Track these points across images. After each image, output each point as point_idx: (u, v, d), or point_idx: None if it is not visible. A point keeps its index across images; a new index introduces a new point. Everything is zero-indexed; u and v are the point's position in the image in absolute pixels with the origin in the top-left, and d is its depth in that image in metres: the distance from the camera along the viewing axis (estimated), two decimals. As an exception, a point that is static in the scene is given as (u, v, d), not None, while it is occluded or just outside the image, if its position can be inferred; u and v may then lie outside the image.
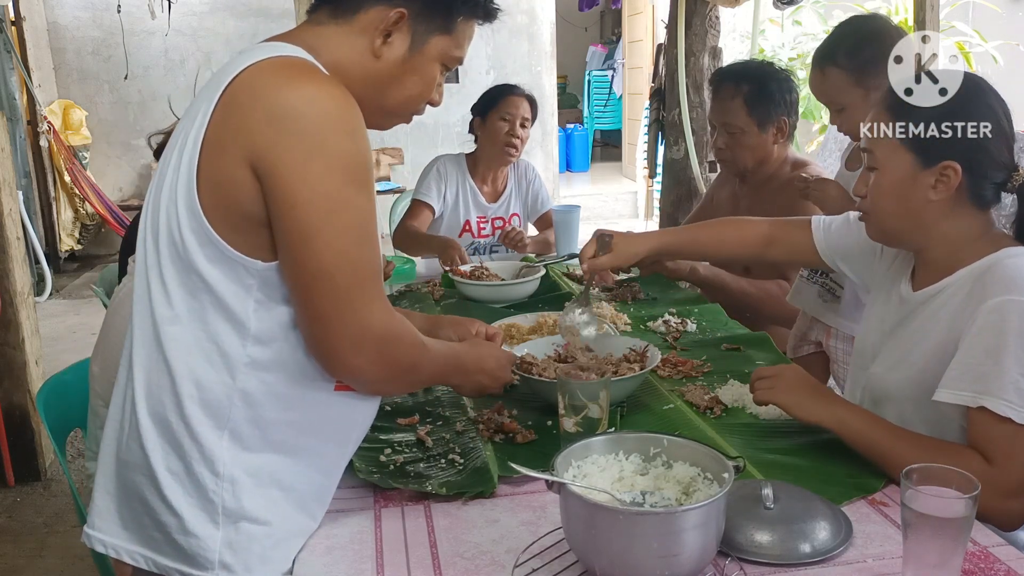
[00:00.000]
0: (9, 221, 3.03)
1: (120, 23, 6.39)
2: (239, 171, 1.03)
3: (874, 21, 1.95)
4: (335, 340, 1.07)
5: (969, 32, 5.35)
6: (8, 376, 3.08)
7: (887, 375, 1.38)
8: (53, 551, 2.72)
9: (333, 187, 1.03)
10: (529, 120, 2.85)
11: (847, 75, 1.82)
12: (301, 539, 1.16)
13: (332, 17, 1.16)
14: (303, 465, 1.14)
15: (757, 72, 2.30)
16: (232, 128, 1.04)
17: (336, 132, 1.04)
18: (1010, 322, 1.18)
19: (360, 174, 1.06)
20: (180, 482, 1.08)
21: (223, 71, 1.09)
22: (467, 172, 2.93)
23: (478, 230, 2.92)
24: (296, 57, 1.09)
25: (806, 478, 1.22)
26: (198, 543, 1.08)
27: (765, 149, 2.28)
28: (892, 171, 1.31)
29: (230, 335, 1.08)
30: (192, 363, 1.08)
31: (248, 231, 1.06)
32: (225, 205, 1.05)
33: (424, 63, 1.19)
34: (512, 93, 2.85)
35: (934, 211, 1.30)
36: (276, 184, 1.03)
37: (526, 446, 1.39)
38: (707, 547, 0.98)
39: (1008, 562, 1.04)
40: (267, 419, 1.10)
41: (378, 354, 1.10)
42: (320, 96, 1.04)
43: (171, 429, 1.09)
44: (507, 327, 1.88)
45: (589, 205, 8.08)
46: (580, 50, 10.17)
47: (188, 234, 1.06)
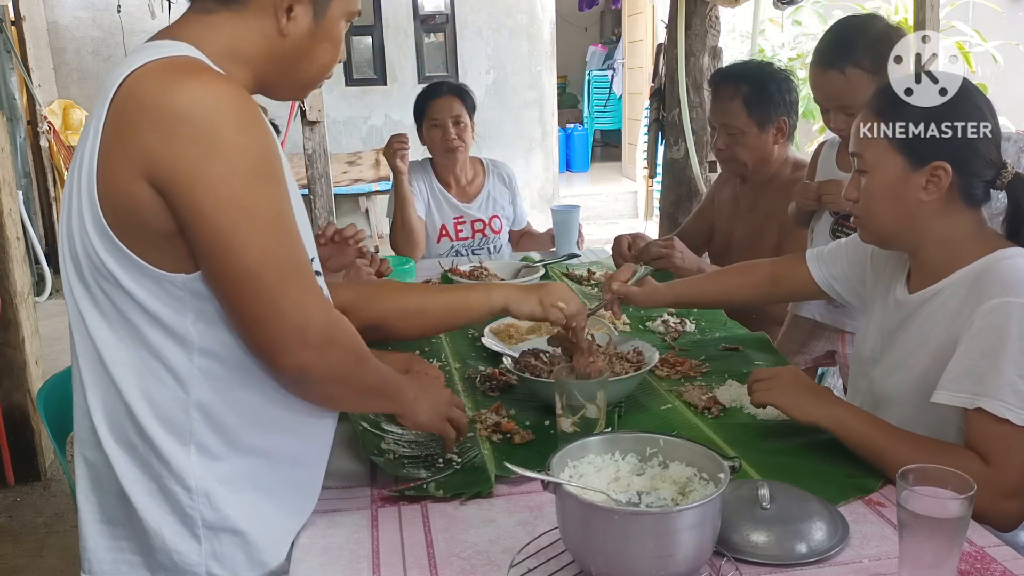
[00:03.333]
0: (9, 221, 3.03)
1: (120, 23, 6.38)
2: (137, 187, 0.98)
3: (878, 21, 1.94)
4: (278, 338, 1.02)
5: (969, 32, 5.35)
6: (8, 376, 3.08)
7: (887, 378, 1.38)
8: (53, 551, 2.72)
9: (238, 187, 0.99)
10: (464, 115, 2.80)
11: (869, 76, 1.78)
12: (291, 534, 1.16)
13: (223, 4, 1.08)
14: (277, 463, 1.13)
15: (756, 73, 2.29)
16: (122, 142, 0.99)
17: (228, 129, 0.98)
18: (1007, 324, 1.18)
19: (264, 167, 1.02)
20: (156, 502, 1.08)
21: (110, 77, 1.03)
22: (433, 176, 2.92)
23: (456, 233, 2.91)
24: (179, 56, 1.03)
25: (803, 478, 1.22)
26: (183, 559, 1.08)
27: (765, 149, 2.28)
28: (883, 173, 1.31)
29: (174, 351, 1.05)
30: (142, 384, 1.06)
31: (163, 246, 1.02)
32: (132, 223, 1.01)
33: (331, 27, 1.14)
34: (436, 96, 2.82)
35: (926, 211, 1.30)
36: (178, 195, 0.98)
37: (524, 446, 1.39)
38: (703, 547, 0.98)
39: (1004, 562, 1.04)
40: (229, 426, 1.09)
41: (326, 344, 1.05)
42: (206, 95, 0.98)
43: (137, 451, 1.08)
44: (506, 327, 1.88)
45: (589, 205, 8.08)
46: (580, 50, 10.17)
47: (106, 256, 1.03)
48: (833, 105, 1.87)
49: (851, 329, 1.99)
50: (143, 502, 1.08)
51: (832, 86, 1.84)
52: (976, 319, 1.21)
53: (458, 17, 7.36)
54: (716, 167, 3.18)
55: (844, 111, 1.84)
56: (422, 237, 2.82)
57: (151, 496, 1.08)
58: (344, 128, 7.30)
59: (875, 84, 1.75)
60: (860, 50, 1.80)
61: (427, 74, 7.28)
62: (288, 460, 1.15)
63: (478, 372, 1.72)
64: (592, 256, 2.77)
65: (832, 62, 1.83)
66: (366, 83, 7.31)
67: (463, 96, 2.83)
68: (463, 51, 7.42)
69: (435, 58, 7.39)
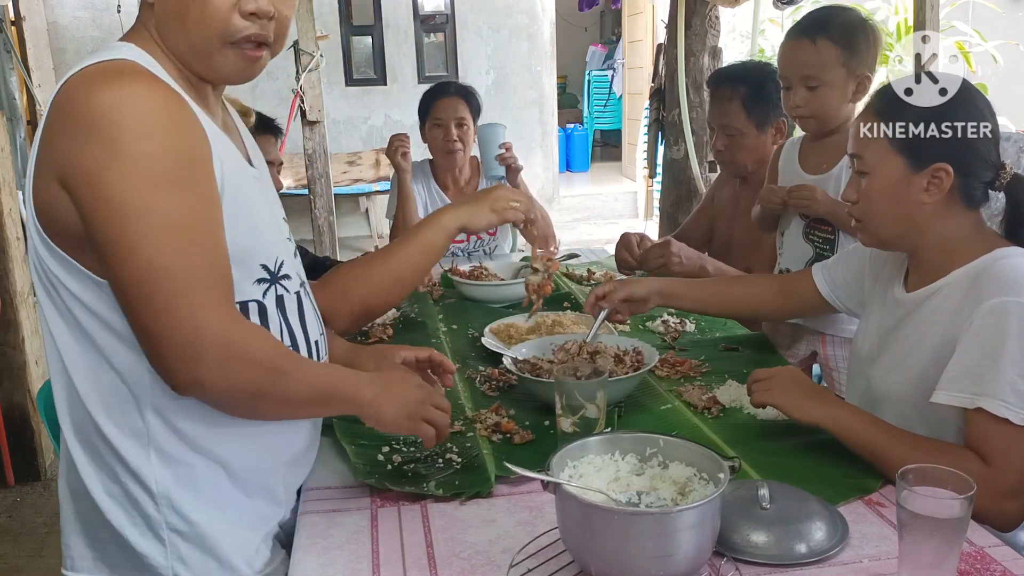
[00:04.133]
0: (9, 221, 3.03)
1: (120, 23, 6.33)
2: (54, 190, 0.99)
3: (858, 13, 1.96)
4: (165, 354, 0.98)
5: (969, 32, 5.35)
6: (8, 376, 3.08)
7: (886, 377, 1.38)
8: (53, 551, 2.72)
9: (131, 193, 0.96)
10: (467, 117, 2.82)
11: (839, 52, 1.81)
12: (261, 540, 1.17)
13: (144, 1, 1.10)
14: (236, 469, 1.13)
15: (754, 73, 2.30)
16: (47, 146, 1.00)
17: (135, 134, 0.96)
18: (1007, 323, 1.18)
19: (169, 175, 0.98)
20: (121, 505, 1.09)
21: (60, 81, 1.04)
22: (431, 177, 2.93)
23: None
24: (114, 60, 1.03)
25: (803, 478, 1.22)
26: (148, 561, 1.09)
27: (764, 150, 2.28)
28: (883, 175, 1.31)
29: (126, 353, 1.04)
30: (99, 387, 1.07)
31: (88, 250, 1.01)
32: (59, 227, 1.01)
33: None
34: (442, 96, 2.82)
35: (927, 213, 1.30)
36: (77, 197, 0.98)
37: (524, 446, 1.39)
38: (702, 547, 0.98)
39: (1004, 562, 1.04)
40: (184, 428, 1.08)
41: (224, 360, 0.99)
42: (120, 99, 0.97)
43: (100, 454, 1.09)
44: (506, 327, 1.89)
45: (589, 205, 8.10)
46: (580, 50, 10.17)
47: (48, 259, 1.04)
48: (797, 75, 1.87)
49: (831, 332, 1.99)
50: (107, 504, 1.09)
51: (800, 54, 1.86)
52: (975, 319, 1.21)
53: (458, 17, 7.36)
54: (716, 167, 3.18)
55: (806, 84, 1.85)
56: None
57: (115, 499, 1.09)
58: (344, 128, 7.30)
59: (842, 63, 1.80)
60: (833, 27, 1.83)
61: (427, 74, 7.28)
62: (249, 467, 1.15)
63: (478, 372, 1.72)
64: (592, 256, 2.77)
65: (804, 32, 1.86)
66: (366, 83, 7.31)
67: (468, 98, 2.84)
68: (463, 51, 7.42)
69: (435, 58, 7.40)
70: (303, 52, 4.01)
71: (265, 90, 7.01)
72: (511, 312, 2.07)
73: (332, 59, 6.93)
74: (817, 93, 1.85)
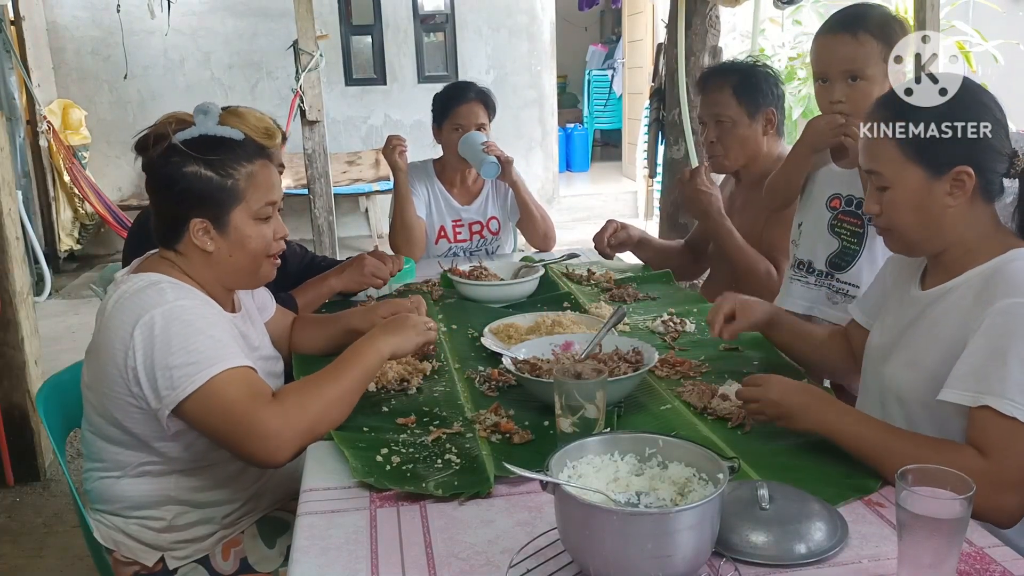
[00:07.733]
0: (8, 221, 3.03)
1: (119, 23, 6.39)
2: None
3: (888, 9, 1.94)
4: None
5: (969, 32, 5.34)
6: (8, 376, 3.08)
7: (899, 374, 1.38)
8: (53, 551, 2.72)
9: None
10: (486, 123, 2.81)
11: (880, 46, 1.74)
12: None
13: None
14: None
15: (743, 65, 2.38)
16: None
17: None
18: (1016, 324, 1.19)
19: None
20: None
21: None
22: (435, 177, 2.92)
23: (454, 235, 2.91)
24: None
25: (802, 478, 1.22)
26: None
27: (756, 141, 2.31)
28: (904, 187, 1.32)
29: None
30: None
31: None
32: None
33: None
34: (463, 101, 2.80)
35: (953, 215, 1.31)
36: None
37: (523, 446, 1.39)
38: (702, 548, 0.98)
39: (1003, 563, 1.04)
40: None
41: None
42: None
43: None
44: (505, 327, 1.88)
45: (589, 205, 8.09)
46: (580, 50, 10.17)
47: None
48: (837, 70, 1.80)
49: None
50: None
51: (842, 47, 1.78)
52: (986, 319, 1.22)
53: (458, 17, 7.36)
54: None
55: (847, 77, 1.79)
56: (422, 237, 2.81)
57: None
58: (344, 128, 7.29)
59: (883, 57, 1.73)
60: (872, 21, 1.78)
61: (427, 74, 7.28)
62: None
63: (478, 372, 1.71)
64: (592, 256, 2.77)
65: (843, 26, 1.80)
66: (366, 83, 7.31)
67: (487, 103, 2.84)
68: (463, 51, 7.42)
69: (435, 58, 7.39)
70: (303, 52, 4.01)
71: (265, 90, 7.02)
72: (511, 312, 2.07)
73: (332, 59, 6.92)
74: (857, 87, 1.78)
